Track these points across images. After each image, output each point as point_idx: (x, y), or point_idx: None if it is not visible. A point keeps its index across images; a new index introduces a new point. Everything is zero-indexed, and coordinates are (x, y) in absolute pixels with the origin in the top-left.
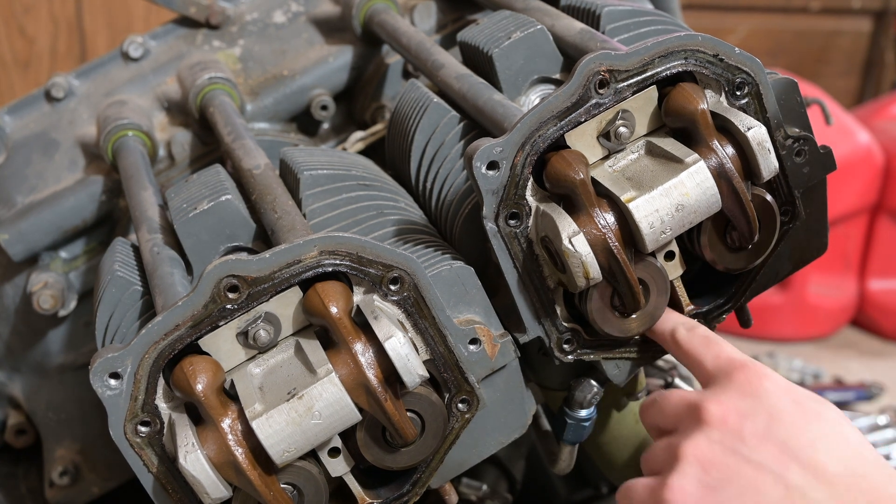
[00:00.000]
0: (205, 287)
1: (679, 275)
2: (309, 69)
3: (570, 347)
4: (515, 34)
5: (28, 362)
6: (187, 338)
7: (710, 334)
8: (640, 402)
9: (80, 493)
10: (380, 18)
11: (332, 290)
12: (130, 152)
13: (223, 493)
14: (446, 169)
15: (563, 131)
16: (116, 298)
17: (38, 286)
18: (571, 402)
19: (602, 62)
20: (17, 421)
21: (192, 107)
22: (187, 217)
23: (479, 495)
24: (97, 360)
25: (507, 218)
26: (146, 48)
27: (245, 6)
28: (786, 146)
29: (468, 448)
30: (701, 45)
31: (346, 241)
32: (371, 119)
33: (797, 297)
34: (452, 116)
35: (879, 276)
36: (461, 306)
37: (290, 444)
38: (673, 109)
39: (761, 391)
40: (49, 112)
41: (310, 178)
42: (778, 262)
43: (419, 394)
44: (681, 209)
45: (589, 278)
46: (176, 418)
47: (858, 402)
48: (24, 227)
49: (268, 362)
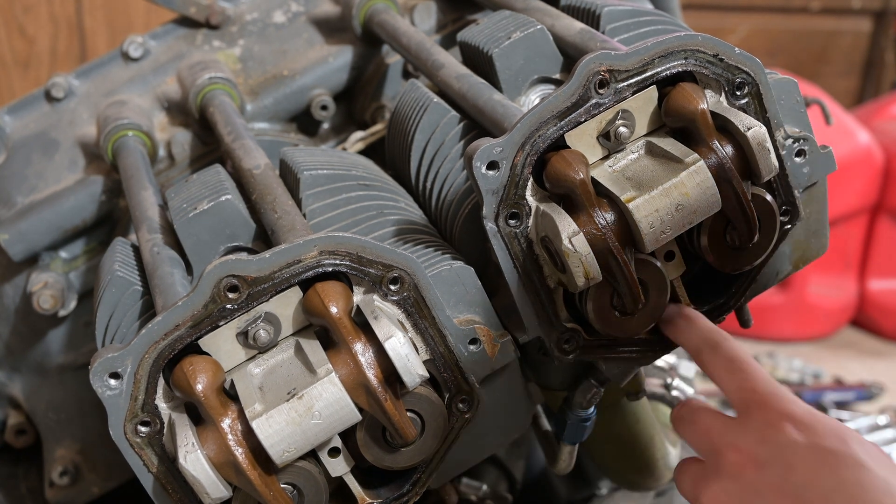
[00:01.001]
0: (205, 287)
1: (679, 275)
2: (309, 69)
3: (570, 347)
4: (515, 34)
5: (28, 362)
6: (187, 338)
7: (735, 355)
8: (639, 403)
9: (80, 493)
10: (380, 18)
11: (332, 290)
12: (130, 152)
13: (223, 493)
14: (446, 169)
15: (563, 131)
16: (116, 298)
17: (38, 286)
18: (571, 402)
19: (602, 62)
20: (17, 421)
21: (192, 107)
22: (187, 217)
23: (479, 495)
24: (97, 360)
25: (507, 218)
26: (146, 48)
27: (245, 6)
28: (786, 146)
29: (468, 448)
30: (701, 45)
31: (346, 241)
32: (371, 119)
33: (797, 297)
34: (452, 116)
35: (879, 276)
36: (461, 306)
37: (290, 444)
38: (673, 109)
39: (779, 437)
40: (49, 112)
41: (310, 178)
42: (778, 262)
43: (419, 394)
44: (681, 209)
45: (589, 278)
46: (176, 418)
47: (858, 402)
48: (24, 227)
49: (268, 362)
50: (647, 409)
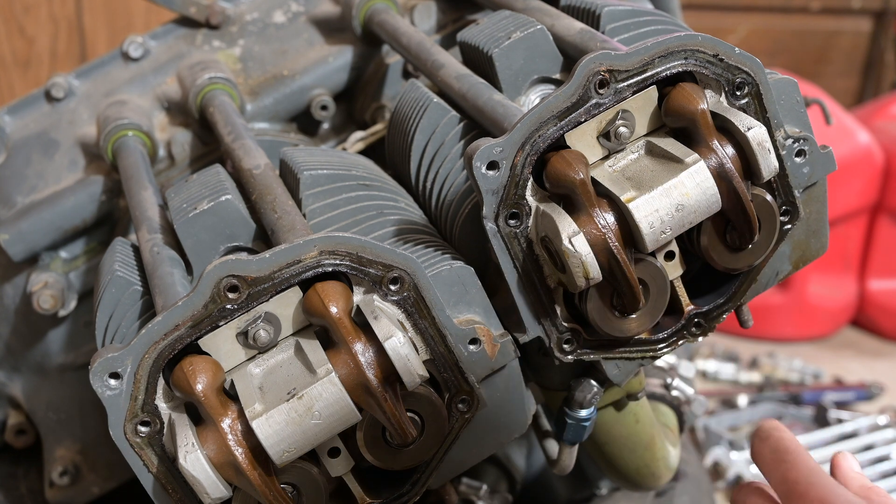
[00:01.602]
0: (205, 287)
1: (679, 275)
2: (309, 69)
3: (570, 347)
4: (515, 34)
5: (28, 362)
6: (187, 338)
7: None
8: (639, 403)
9: (80, 493)
10: (380, 18)
11: (332, 290)
12: (130, 152)
13: (223, 493)
14: (446, 169)
15: (563, 131)
16: (116, 298)
17: (38, 286)
18: (571, 402)
19: (602, 62)
20: (17, 421)
21: (192, 107)
22: (187, 217)
23: (479, 495)
24: (97, 360)
25: (507, 218)
26: (146, 48)
27: (245, 6)
28: (786, 146)
29: (468, 448)
30: (701, 45)
31: (346, 241)
32: (371, 119)
33: (797, 297)
34: (452, 116)
35: (879, 276)
36: (461, 306)
37: (290, 444)
38: (673, 109)
39: None
40: (49, 112)
41: (310, 178)
42: (778, 262)
43: (419, 394)
44: (681, 209)
45: (589, 278)
46: (176, 418)
47: (858, 402)
48: (24, 227)
49: (268, 362)
50: (647, 409)
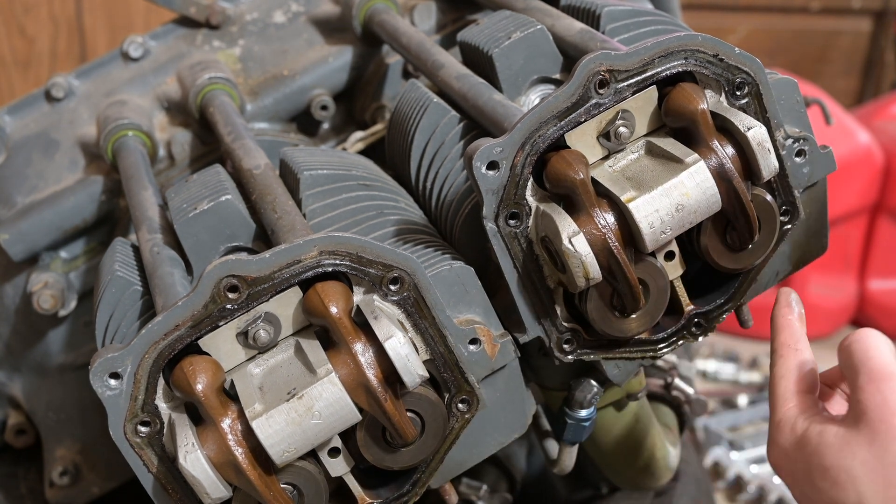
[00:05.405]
0: (205, 287)
1: (679, 275)
2: (309, 69)
3: (570, 347)
4: (515, 34)
5: (28, 362)
6: (187, 338)
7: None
8: (639, 403)
9: (80, 493)
10: (380, 18)
11: (332, 290)
12: (130, 152)
13: (223, 493)
14: (446, 169)
15: (563, 131)
16: (116, 298)
17: (38, 286)
18: (571, 402)
19: (602, 62)
20: (17, 421)
21: (192, 107)
22: (187, 217)
23: (479, 495)
24: (97, 360)
25: (507, 218)
26: (146, 48)
27: (245, 6)
28: (786, 146)
29: (468, 448)
30: (701, 45)
31: (346, 241)
32: (371, 119)
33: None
34: (452, 116)
35: (879, 276)
36: (461, 306)
37: (290, 444)
38: (673, 109)
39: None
40: (49, 112)
41: (310, 178)
42: (778, 262)
43: (419, 394)
44: (681, 209)
45: (589, 278)
46: (176, 418)
47: None
48: (25, 227)
49: (268, 362)
50: (647, 409)
